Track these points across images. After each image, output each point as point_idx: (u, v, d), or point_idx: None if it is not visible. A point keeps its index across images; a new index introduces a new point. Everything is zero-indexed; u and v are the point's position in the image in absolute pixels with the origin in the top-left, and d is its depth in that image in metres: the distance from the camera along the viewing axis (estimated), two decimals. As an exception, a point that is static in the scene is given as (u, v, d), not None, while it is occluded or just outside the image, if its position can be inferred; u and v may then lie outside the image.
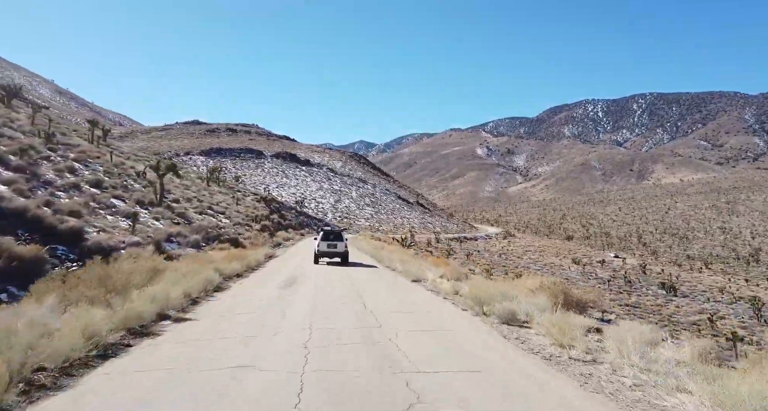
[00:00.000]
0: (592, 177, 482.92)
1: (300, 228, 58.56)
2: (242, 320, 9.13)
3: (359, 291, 13.40)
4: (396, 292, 13.91)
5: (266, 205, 45.43)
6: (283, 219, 49.56)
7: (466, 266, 62.30)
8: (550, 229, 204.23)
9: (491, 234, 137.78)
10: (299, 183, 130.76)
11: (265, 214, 38.48)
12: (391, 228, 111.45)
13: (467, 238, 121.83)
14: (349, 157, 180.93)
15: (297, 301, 11.55)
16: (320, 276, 16.73)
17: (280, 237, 32.57)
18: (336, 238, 22.33)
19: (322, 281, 15.46)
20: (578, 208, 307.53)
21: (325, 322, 9.06)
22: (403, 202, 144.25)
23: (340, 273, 18.12)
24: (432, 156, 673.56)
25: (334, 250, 21.89)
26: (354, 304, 11.18)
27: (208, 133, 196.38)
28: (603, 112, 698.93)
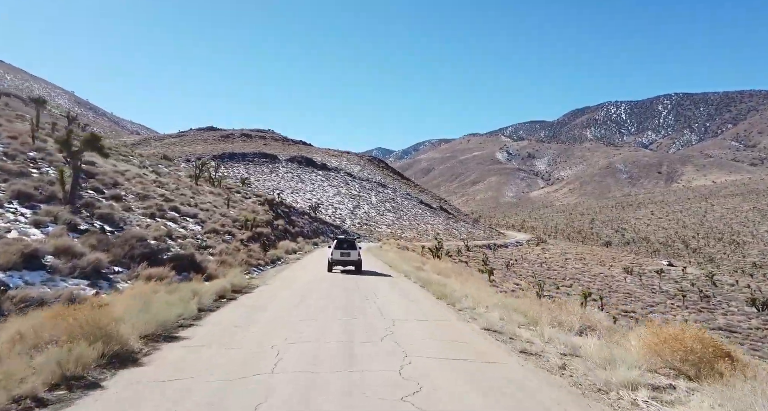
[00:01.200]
0: (617, 180, 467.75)
1: (314, 236, 50.41)
2: None
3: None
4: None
5: (271, 208, 37.38)
6: (292, 225, 41.51)
7: (509, 280, 53.24)
8: (581, 234, 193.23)
9: (521, 240, 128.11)
10: (315, 188, 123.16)
11: (265, 220, 30.39)
12: (415, 235, 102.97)
13: (497, 245, 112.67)
14: (367, 161, 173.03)
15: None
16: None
17: (281, 249, 24.45)
18: (349, 247, 21.78)
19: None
20: (606, 212, 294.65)
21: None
22: (425, 208, 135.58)
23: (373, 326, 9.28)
24: (450, 161, 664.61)
25: (347, 259, 21.35)
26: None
27: (222, 138, 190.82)
28: (626, 113, 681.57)
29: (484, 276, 37.58)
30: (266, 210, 35.02)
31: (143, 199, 18.75)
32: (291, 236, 36.91)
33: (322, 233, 57.65)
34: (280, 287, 14.23)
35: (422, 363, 6.64)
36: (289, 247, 26.70)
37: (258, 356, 6.70)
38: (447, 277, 18.21)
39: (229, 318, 9.41)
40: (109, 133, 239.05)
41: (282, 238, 31.54)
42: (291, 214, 46.42)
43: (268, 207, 37.32)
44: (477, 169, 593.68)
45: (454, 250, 73.82)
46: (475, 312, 11.78)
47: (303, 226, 47.35)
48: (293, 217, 46.04)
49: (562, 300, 23.05)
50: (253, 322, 9.13)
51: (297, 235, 39.15)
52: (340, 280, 16.71)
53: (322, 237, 54.17)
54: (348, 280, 16.58)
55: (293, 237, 37.34)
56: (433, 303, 12.94)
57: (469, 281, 18.01)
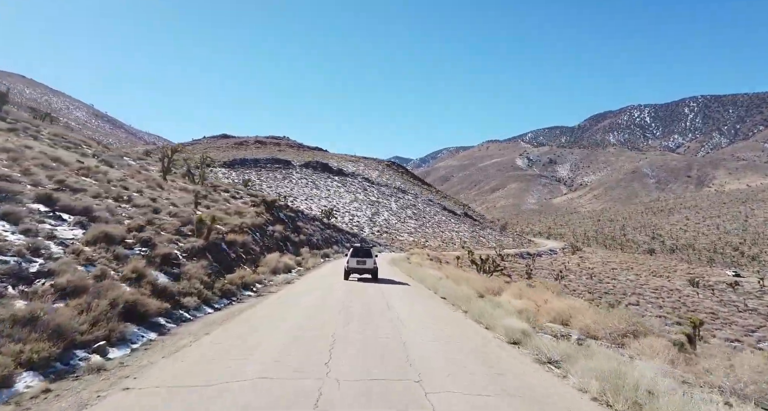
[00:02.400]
0: (644, 185, 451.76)
1: (325, 245, 41.94)
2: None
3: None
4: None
5: (268, 211, 29.07)
6: (297, 232, 33.16)
7: (565, 297, 44.00)
8: (615, 241, 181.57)
9: (555, 249, 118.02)
10: (331, 194, 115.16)
11: (253, 224, 22.01)
12: (440, 243, 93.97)
13: (531, 254, 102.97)
14: (386, 166, 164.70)
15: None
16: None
17: (265, 266, 16.01)
18: (365, 255, 21.50)
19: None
20: (636, 217, 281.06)
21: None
22: (449, 214, 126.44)
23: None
24: (469, 169, 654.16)
25: (363, 267, 21.15)
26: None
27: (236, 145, 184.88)
28: (651, 117, 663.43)
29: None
30: (259, 212, 26.76)
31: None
32: (293, 246, 28.56)
33: (336, 242, 49.16)
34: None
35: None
36: (280, 262, 18.12)
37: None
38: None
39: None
40: (125, 144, 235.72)
41: (276, 249, 23.22)
42: (297, 220, 38.06)
43: (264, 209, 29.04)
44: (497, 176, 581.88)
45: (470, 259, 64.61)
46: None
47: (312, 234, 38.93)
48: (299, 222, 37.67)
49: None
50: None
51: (301, 245, 30.75)
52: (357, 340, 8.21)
53: (336, 247, 45.69)
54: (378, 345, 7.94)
55: (296, 247, 28.97)
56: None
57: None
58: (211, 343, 7.70)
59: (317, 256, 29.84)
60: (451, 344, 8.33)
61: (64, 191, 12.47)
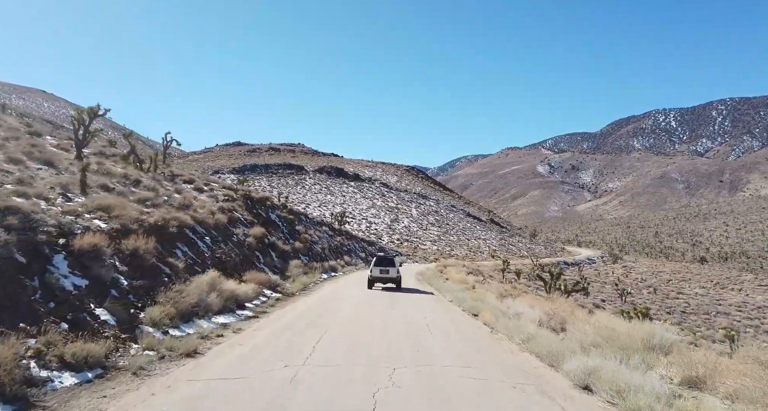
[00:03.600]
0: (673, 190, 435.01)
1: (334, 255, 33.27)
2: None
3: None
4: None
5: (250, 209, 20.56)
6: (292, 238, 24.57)
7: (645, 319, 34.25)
8: (651, 248, 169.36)
9: (593, 257, 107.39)
10: (347, 200, 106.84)
11: (200, 222, 13.31)
12: (467, 252, 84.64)
13: (569, 264, 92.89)
14: (404, 172, 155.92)
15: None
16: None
17: (160, 310, 7.90)
18: (389, 264, 21.13)
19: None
20: (668, 224, 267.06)
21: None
22: (474, 221, 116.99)
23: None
24: (489, 176, 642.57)
25: (386, 276, 20.74)
26: None
27: (249, 153, 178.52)
28: (677, 121, 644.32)
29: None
30: (233, 208, 18.36)
31: None
32: (281, 257, 20.00)
33: (349, 252, 40.41)
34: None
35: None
36: (222, 290, 9.49)
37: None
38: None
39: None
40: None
41: (246, 263, 14.72)
42: (296, 223, 29.47)
43: (242, 206, 20.57)
44: (517, 184, 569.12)
45: (526, 271, 55.47)
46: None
47: (315, 241, 30.32)
48: (299, 226, 29.08)
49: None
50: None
51: (295, 255, 22.15)
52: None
53: (348, 257, 36.94)
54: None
55: (285, 258, 20.40)
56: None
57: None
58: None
59: (316, 272, 21.26)
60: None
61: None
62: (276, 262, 18.84)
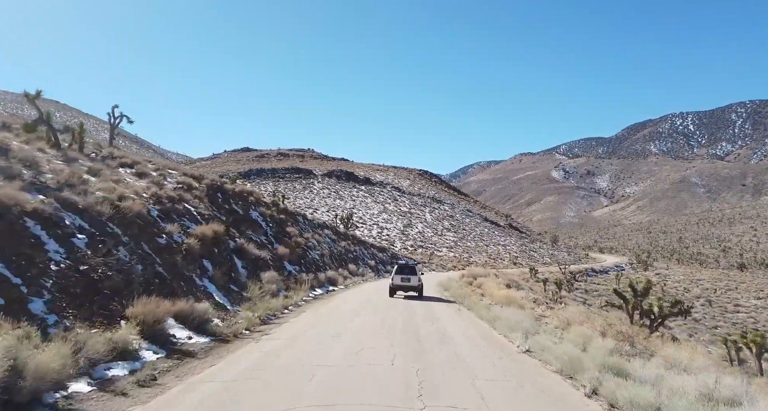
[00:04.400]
0: (693, 195, 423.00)
1: (337, 264, 27.53)
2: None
3: None
4: None
5: (213, 202, 14.94)
6: (277, 242, 19.00)
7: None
8: (677, 254, 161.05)
9: (621, 264, 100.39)
10: (357, 205, 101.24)
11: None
12: (486, 259, 78.38)
13: (596, 271, 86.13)
14: (417, 176, 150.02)
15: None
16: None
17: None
18: (410, 272, 21.04)
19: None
20: (692, 229, 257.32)
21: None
22: (492, 226, 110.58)
23: None
24: (502, 182, 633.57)
25: (407, 284, 20.60)
26: None
27: (257, 158, 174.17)
28: (694, 125, 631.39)
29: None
30: (181, 197, 12.85)
31: None
32: (251, 268, 14.38)
33: (356, 259, 34.59)
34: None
35: None
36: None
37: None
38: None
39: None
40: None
41: (176, 279, 8.98)
42: (289, 224, 23.78)
43: (201, 198, 15.02)
44: (532, 189, 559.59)
45: (554, 280, 49.18)
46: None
47: (313, 247, 24.64)
48: (291, 227, 23.40)
49: None
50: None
51: (275, 265, 16.56)
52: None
53: (354, 265, 31.15)
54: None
55: (255, 269, 14.73)
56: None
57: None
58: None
59: (301, 288, 15.44)
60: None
61: None
62: (240, 275, 13.18)
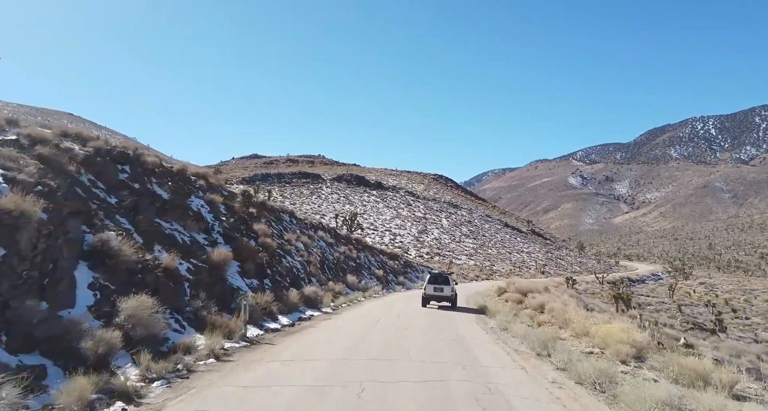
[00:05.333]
0: (719, 200, 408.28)
1: (334, 275, 20.44)
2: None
3: None
4: None
5: (104, 175, 8.08)
6: (233, 243, 12.08)
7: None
8: (713, 261, 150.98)
9: (657, 273, 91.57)
10: (368, 210, 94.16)
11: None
12: (511, 267, 70.59)
13: (633, 280, 77.66)
14: (432, 180, 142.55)
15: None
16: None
17: None
18: (443, 282, 21.07)
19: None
20: (722, 235, 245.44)
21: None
22: (513, 232, 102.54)
23: None
24: (518, 189, 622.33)
25: (440, 294, 20.67)
26: None
27: (265, 165, 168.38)
28: (716, 129, 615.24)
29: None
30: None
31: None
32: (109, 293, 7.59)
33: (359, 269, 27.38)
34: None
35: None
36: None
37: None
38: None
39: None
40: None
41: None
42: (261, 221, 16.78)
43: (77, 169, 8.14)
44: (549, 196, 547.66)
45: (592, 290, 41.57)
46: None
47: (290, 252, 17.58)
48: (260, 224, 16.45)
49: None
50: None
51: (194, 282, 9.82)
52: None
53: (353, 277, 23.91)
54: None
55: (121, 289, 7.97)
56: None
57: None
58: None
59: (218, 331, 8.35)
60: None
61: None
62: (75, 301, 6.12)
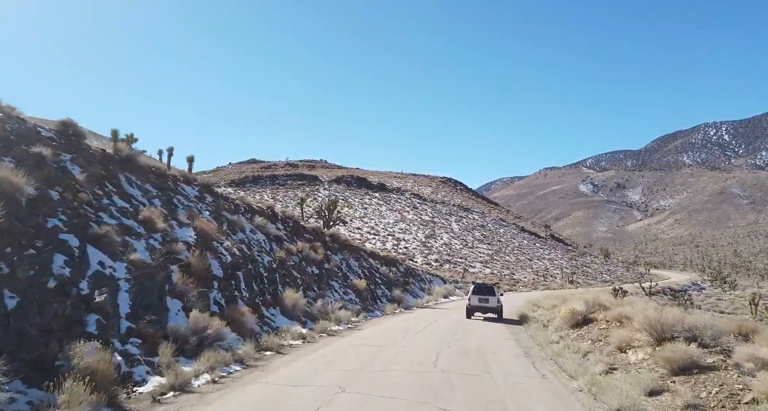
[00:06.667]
0: (736, 206, 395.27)
1: (268, 290, 10.43)
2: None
3: None
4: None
5: None
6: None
7: None
8: (745, 268, 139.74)
9: (697, 282, 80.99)
10: (369, 213, 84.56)
11: None
12: (533, 276, 60.44)
13: (674, 290, 67.20)
14: (440, 183, 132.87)
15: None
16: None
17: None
18: (488, 293, 20.74)
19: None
20: (746, 242, 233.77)
21: None
22: (531, 237, 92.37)
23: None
24: (527, 198, 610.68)
25: (485, 305, 20.39)
26: None
27: (263, 169, 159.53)
28: (730, 134, 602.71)
29: None
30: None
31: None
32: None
33: (327, 280, 17.60)
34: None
35: None
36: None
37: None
38: None
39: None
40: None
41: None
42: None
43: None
44: (559, 204, 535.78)
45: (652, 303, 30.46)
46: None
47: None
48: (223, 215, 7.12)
49: None
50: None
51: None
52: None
53: (318, 291, 14.16)
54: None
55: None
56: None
57: None
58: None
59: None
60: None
61: None
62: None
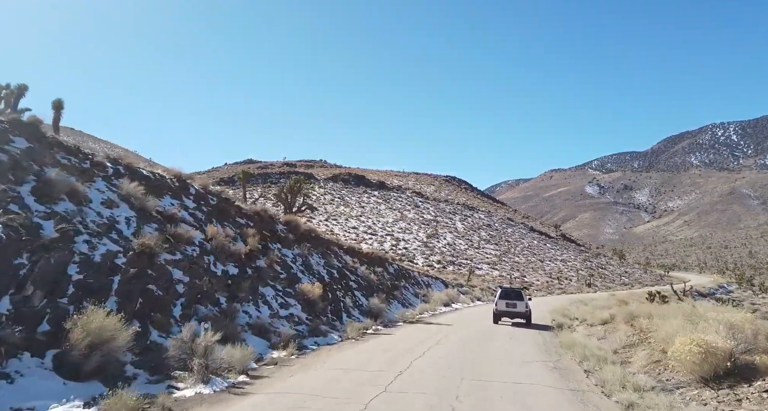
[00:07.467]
0: (747, 207, 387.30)
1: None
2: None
3: None
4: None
5: None
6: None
7: None
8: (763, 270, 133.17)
9: (725, 285, 74.71)
10: (366, 212, 78.68)
11: None
12: (546, 278, 54.31)
13: (702, 294, 61.13)
14: (443, 181, 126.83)
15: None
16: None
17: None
18: (516, 297, 20.47)
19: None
20: (759, 243, 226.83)
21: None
22: (541, 237, 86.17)
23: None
24: (533, 200, 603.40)
25: (513, 310, 20.20)
26: None
27: (259, 169, 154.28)
28: (738, 135, 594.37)
29: None
30: None
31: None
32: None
33: (253, 289, 11.61)
34: None
35: None
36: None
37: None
38: None
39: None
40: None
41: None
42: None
43: None
44: (565, 206, 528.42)
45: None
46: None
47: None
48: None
49: None
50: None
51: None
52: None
53: (232, 301, 8.30)
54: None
55: None
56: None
57: None
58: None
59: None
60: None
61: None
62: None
